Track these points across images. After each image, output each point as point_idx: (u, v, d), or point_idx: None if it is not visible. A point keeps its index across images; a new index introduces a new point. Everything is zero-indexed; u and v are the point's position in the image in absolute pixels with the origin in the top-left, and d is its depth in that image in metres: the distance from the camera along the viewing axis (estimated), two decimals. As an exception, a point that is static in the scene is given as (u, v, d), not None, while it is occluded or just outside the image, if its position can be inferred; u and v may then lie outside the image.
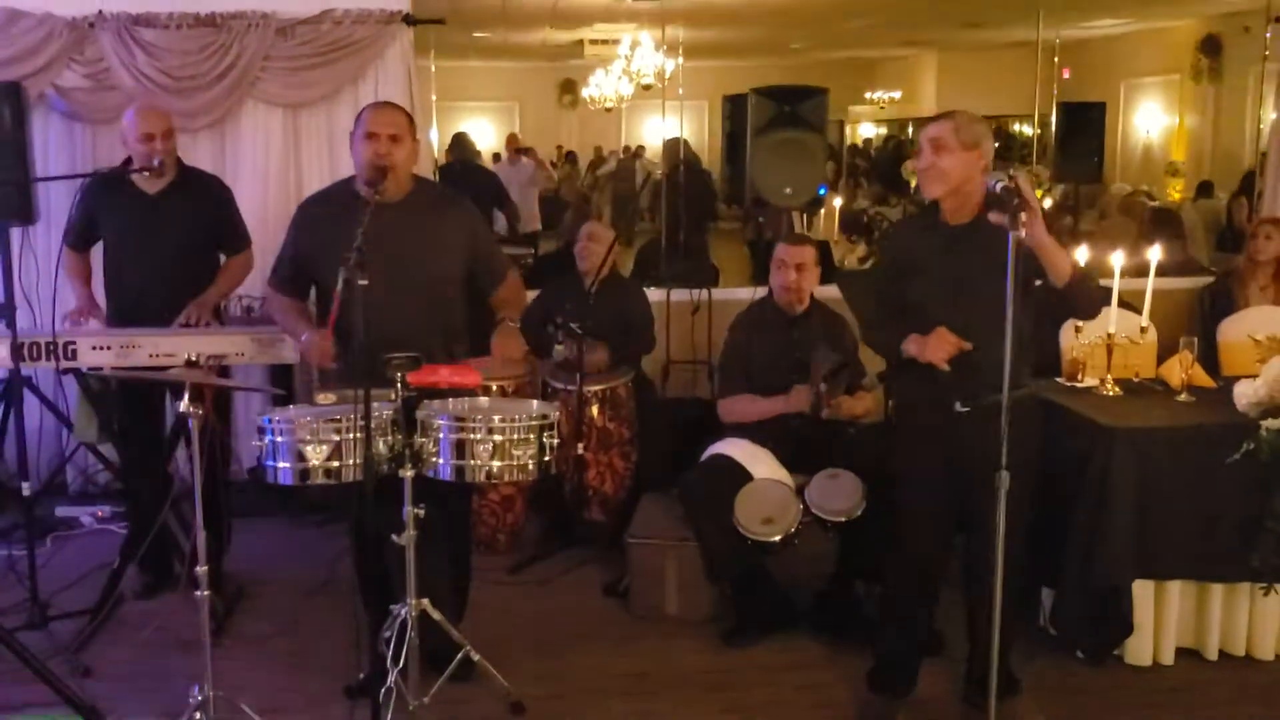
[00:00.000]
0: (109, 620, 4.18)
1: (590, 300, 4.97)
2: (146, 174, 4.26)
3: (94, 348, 4.24)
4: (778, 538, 3.95)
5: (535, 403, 3.58)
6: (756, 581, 4.14)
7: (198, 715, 3.23)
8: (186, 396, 3.13)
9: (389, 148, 3.47)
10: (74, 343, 4.23)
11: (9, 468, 5.07)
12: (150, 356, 4.20)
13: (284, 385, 4.70)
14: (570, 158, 17.23)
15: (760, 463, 4.19)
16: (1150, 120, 13.22)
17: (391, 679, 3.32)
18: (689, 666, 3.93)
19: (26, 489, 4.14)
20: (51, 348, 4.20)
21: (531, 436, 3.27)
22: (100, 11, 5.30)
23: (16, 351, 4.09)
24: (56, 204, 5.02)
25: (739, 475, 4.14)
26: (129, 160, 4.35)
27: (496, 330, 3.66)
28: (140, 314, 4.34)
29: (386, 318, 3.22)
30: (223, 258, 4.57)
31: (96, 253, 4.56)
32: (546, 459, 3.31)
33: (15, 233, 4.39)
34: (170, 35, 5.32)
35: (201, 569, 3.22)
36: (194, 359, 3.32)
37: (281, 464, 3.22)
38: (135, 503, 4.44)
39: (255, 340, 4.32)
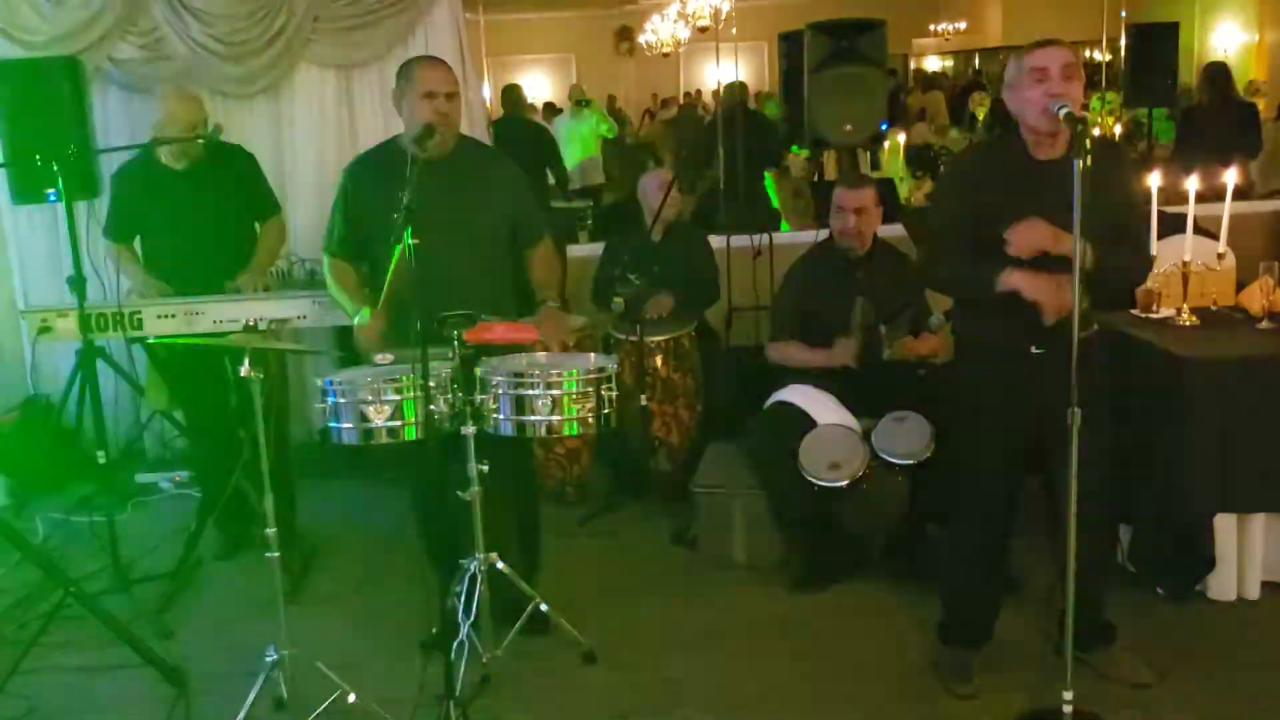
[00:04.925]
0: (189, 583, 4.28)
1: (656, 249, 4.92)
2: (199, 140, 4.27)
3: (159, 316, 4.31)
4: (845, 483, 3.91)
5: (593, 356, 3.56)
6: (824, 528, 4.09)
7: (275, 674, 3.29)
8: (248, 361, 3.14)
9: (447, 106, 3.46)
10: (139, 312, 4.30)
11: (88, 436, 5.20)
12: (214, 323, 4.26)
13: (346, 347, 4.72)
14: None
15: (825, 408, 4.13)
16: (1227, 38, 12.72)
17: (464, 633, 3.35)
18: (758, 614, 3.91)
19: (102, 457, 4.23)
20: (118, 318, 4.27)
21: (590, 390, 3.26)
22: (151, -19, 5.34)
23: (85, 323, 4.17)
24: (120, 177, 5.07)
25: (804, 421, 4.09)
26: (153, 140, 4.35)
27: (540, 312, 3.63)
28: (183, 289, 4.37)
29: (440, 273, 3.21)
30: (257, 227, 4.59)
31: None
32: (606, 411, 3.30)
33: (81, 206, 4.45)
34: (220, 1, 5.34)
35: (271, 530, 3.26)
36: (253, 323, 3.33)
37: (345, 425, 3.26)
38: (204, 467, 4.51)
39: (316, 303, 4.36)
